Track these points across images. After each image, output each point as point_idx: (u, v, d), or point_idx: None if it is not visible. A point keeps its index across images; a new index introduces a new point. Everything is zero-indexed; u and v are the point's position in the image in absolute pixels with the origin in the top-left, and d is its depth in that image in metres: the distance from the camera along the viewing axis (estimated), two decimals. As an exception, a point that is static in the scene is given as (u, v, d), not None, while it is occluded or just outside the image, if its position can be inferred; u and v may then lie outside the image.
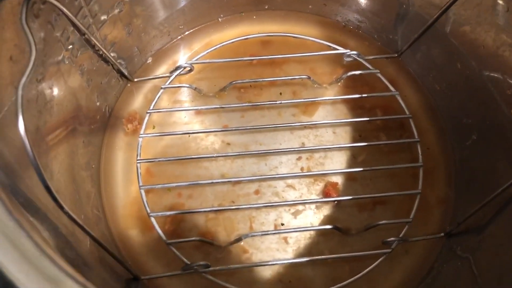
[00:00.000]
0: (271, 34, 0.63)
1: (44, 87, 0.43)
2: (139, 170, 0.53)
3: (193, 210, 0.54)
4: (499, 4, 0.46)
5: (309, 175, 0.56)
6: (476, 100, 0.53)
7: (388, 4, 0.61)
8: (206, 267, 0.50)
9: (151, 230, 0.52)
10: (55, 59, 0.45)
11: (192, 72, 0.60)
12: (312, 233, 0.54)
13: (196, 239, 0.51)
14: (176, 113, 0.60)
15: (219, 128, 0.58)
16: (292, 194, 0.56)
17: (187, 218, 0.54)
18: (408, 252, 0.53)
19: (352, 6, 0.64)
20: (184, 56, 0.64)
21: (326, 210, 0.55)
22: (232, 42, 0.61)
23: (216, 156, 0.56)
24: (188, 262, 0.50)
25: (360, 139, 0.58)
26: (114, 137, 0.58)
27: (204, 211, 0.54)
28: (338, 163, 0.57)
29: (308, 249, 0.53)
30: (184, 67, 0.59)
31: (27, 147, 0.31)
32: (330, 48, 0.62)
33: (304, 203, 0.55)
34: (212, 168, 0.57)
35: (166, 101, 0.60)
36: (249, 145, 0.58)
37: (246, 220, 0.54)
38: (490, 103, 0.50)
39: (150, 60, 0.63)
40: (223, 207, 0.54)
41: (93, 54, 0.52)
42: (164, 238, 0.51)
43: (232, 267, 0.52)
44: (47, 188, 0.32)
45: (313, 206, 0.55)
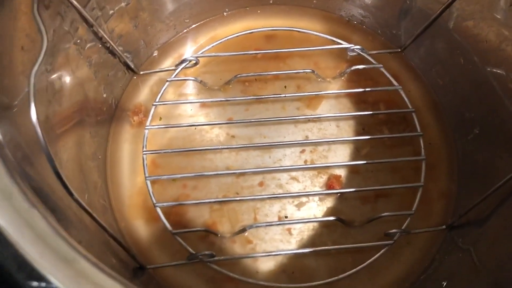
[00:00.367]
0: (276, 28, 0.63)
1: (54, 78, 0.44)
2: (145, 161, 0.54)
3: (198, 201, 0.54)
4: (502, -1, 0.47)
5: (312, 168, 0.57)
6: (478, 94, 0.54)
7: (391, -1, 0.61)
8: (211, 257, 0.50)
9: (157, 220, 0.53)
10: (64, 51, 0.45)
11: (198, 66, 0.61)
12: (315, 224, 0.55)
13: (201, 229, 0.52)
14: (182, 105, 0.60)
15: (224, 121, 0.59)
16: (295, 186, 0.56)
17: (192, 209, 0.55)
18: (410, 243, 0.54)
19: (356, 1, 0.64)
20: (189, 49, 0.64)
21: (330, 202, 0.56)
22: (237, 36, 0.61)
23: (221, 148, 0.57)
24: (193, 252, 0.50)
25: (363, 132, 0.59)
26: (120, 128, 0.59)
27: (209, 202, 0.54)
28: (342, 156, 0.58)
29: (311, 240, 0.54)
30: (190, 61, 0.59)
31: (39, 134, 0.31)
32: (334, 42, 0.62)
33: (308, 195, 0.56)
34: (217, 160, 0.57)
35: (171, 94, 0.61)
36: (253, 137, 0.59)
37: (250, 212, 0.55)
38: (493, 98, 0.51)
39: (156, 53, 0.64)
40: (227, 198, 0.55)
41: (100, 47, 0.53)
42: (170, 228, 0.51)
43: (237, 257, 0.52)
44: (57, 175, 0.33)
45: (316, 198, 0.56)
